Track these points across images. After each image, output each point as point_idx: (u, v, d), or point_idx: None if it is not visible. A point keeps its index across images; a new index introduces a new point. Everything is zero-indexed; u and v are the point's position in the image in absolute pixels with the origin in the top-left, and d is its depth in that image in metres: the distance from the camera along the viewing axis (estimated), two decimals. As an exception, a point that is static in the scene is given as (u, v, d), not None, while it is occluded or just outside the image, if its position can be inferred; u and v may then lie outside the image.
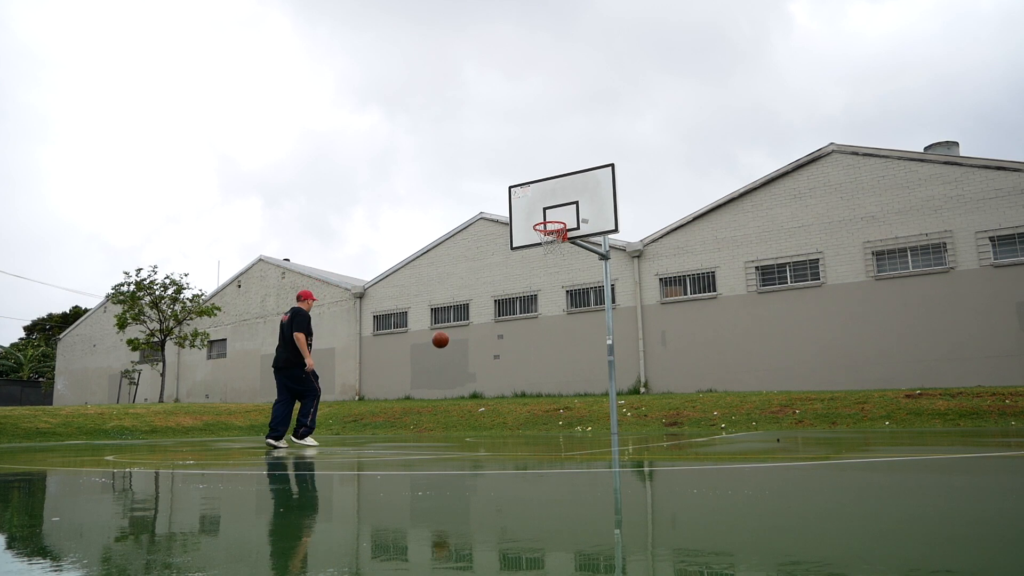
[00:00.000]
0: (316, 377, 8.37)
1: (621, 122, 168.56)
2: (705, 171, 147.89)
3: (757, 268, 17.53)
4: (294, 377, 8.23)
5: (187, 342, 24.20)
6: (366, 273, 60.07)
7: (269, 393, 25.88)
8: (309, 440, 8.23)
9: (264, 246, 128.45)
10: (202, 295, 25.19)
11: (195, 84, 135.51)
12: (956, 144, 18.07)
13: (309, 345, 8.35)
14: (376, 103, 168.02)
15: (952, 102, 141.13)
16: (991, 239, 15.01)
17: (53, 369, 38.73)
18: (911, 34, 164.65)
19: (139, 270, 24.32)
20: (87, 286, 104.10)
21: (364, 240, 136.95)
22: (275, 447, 7.79)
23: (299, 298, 8.67)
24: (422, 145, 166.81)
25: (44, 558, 1.70)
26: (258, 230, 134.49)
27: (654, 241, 19.07)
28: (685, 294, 18.51)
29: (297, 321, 8.28)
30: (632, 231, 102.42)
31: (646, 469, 4.16)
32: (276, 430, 8.07)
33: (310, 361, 8.24)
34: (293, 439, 8.25)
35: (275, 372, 8.35)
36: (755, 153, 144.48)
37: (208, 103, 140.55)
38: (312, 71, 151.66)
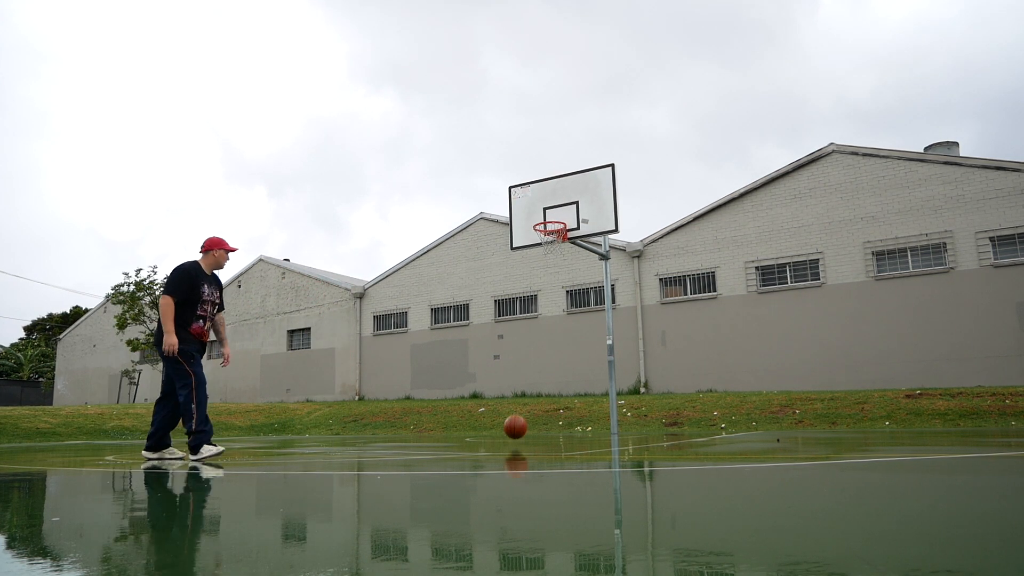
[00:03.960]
0: (189, 358, 5.85)
1: (635, 112, 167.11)
2: (717, 164, 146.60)
3: (757, 268, 17.54)
4: (164, 360, 5.95)
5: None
6: (375, 268, 60.13)
7: (270, 393, 25.89)
8: (208, 450, 5.75)
9: (269, 238, 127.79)
10: (202, 295, 25.17)
11: (196, 67, 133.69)
12: (956, 144, 18.10)
13: (201, 317, 5.97)
14: (389, 85, 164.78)
15: (977, 86, 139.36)
16: (991, 239, 15.01)
17: (53, 369, 38.74)
18: (932, 16, 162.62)
19: (139, 270, 24.37)
20: (86, 283, 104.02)
21: (373, 233, 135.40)
22: (147, 459, 5.94)
23: (202, 251, 6.24)
24: (436, 132, 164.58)
25: (44, 558, 1.70)
26: (263, 221, 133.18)
27: (654, 241, 19.07)
28: (685, 294, 18.51)
29: (169, 280, 6.00)
30: (640, 226, 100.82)
31: (646, 469, 4.16)
32: (149, 438, 6.07)
33: (170, 339, 5.73)
34: (190, 456, 5.82)
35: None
36: (769, 144, 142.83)
37: (210, 87, 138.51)
38: (323, 49, 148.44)
